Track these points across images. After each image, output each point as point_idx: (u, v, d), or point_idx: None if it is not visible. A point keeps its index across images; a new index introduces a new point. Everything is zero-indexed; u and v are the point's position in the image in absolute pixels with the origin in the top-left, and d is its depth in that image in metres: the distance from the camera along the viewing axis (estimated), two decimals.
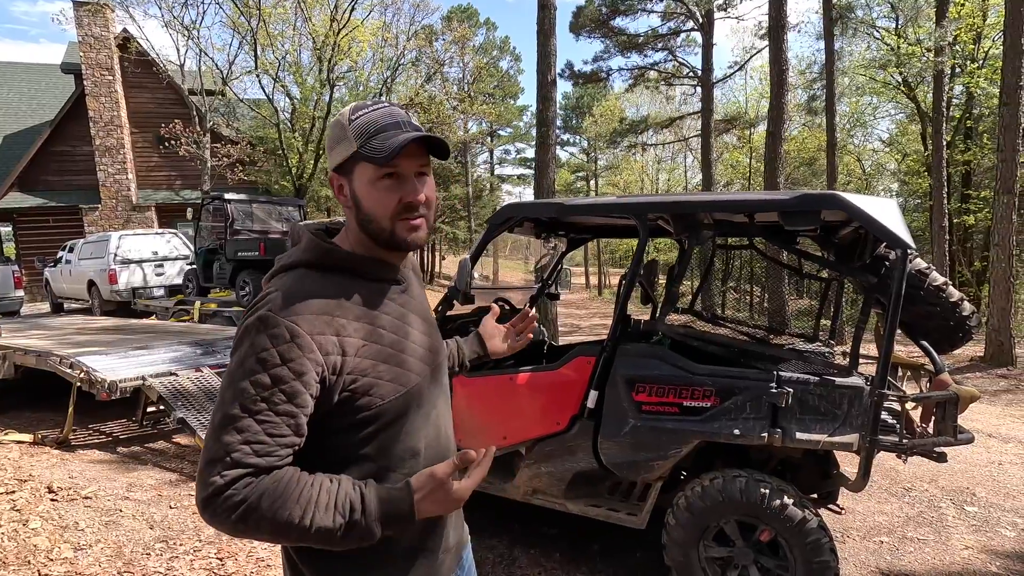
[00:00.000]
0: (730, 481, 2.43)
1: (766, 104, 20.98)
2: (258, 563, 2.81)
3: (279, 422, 0.82)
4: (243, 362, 0.83)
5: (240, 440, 0.80)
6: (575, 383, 2.75)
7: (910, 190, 18.24)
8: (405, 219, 0.94)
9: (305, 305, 0.86)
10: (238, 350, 0.85)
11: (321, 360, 0.84)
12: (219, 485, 0.79)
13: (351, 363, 0.88)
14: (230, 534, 0.84)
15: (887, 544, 3.19)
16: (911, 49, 12.21)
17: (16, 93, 20.45)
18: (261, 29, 15.02)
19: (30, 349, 5.04)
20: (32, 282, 14.96)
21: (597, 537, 3.19)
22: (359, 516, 0.83)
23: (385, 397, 0.91)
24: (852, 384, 2.34)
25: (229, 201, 8.99)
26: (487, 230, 3.08)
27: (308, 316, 0.85)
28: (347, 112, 0.96)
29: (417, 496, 0.87)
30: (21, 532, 2.83)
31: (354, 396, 0.89)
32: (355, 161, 0.93)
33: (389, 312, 0.97)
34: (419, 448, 0.99)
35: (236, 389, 0.82)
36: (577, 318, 17.48)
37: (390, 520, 0.86)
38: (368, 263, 0.97)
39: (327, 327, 0.86)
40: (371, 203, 0.93)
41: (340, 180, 0.96)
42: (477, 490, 2.97)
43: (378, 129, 0.91)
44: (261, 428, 0.81)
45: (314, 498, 0.82)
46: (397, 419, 0.94)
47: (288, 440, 0.83)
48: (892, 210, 2.30)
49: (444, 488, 0.87)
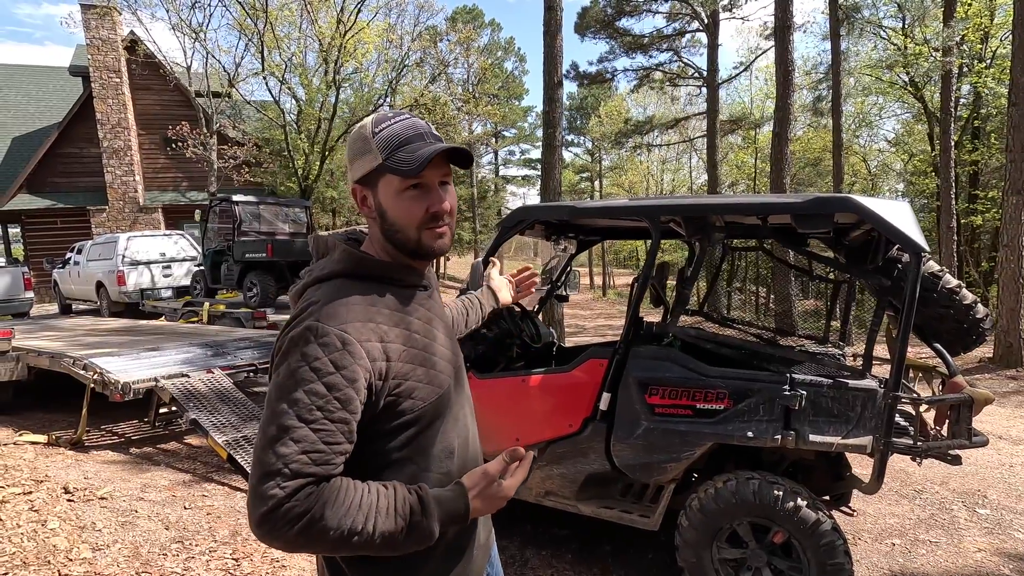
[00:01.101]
0: (743, 483, 2.44)
1: (771, 104, 20.96)
2: (273, 563, 2.83)
3: (334, 430, 0.83)
4: (294, 372, 0.84)
5: (298, 450, 0.80)
6: (588, 385, 2.76)
7: (917, 190, 18.18)
8: (431, 228, 0.97)
9: (350, 313, 0.88)
10: (286, 361, 0.85)
11: (369, 366, 0.86)
12: (280, 497, 0.78)
13: (395, 368, 0.90)
14: (287, 549, 0.82)
15: (899, 547, 3.19)
16: (918, 49, 12.17)
17: (24, 96, 20.61)
18: (268, 31, 15.08)
19: (43, 350, 5.09)
20: (40, 283, 15.06)
21: (608, 538, 3.20)
22: (419, 517, 0.85)
23: (424, 400, 0.94)
24: (866, 386, 2.34)
25: (237, 203, 9.03)
26: (499, 232, 3.09)
27: (355, 324, 0.87)
28: (369, 125, 0.97)
29: (471, 494, 0.89)
30: (40, 532, 2.86)
31: (397, 400, 0.91)
32: (380, 173, 0.95)
33: (420, 317, 0.99)
34: (453, 448, 1.02)
35: (289, 400, 0.82)
36: (582, 319, 17.47)
37: (448, 519, 0.88)
38: (400, 270, 0.99)
39: (372, 334, 0.88)
40: (398, 214, 0.95)
41: (364, 192, 0.98)
42: None
43: (402, 142, 0.94)
44: (318, 437, 0.81)
45: (375, 503, 0.83)
46: (434, 421, 0.97)
47: (343, 448, 0.85)
48: (905, 213, 2.30)
49: (494, 486, 0.90)
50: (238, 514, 3.41)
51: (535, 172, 38.83)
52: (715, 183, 16.38)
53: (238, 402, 4.48)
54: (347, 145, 0.98)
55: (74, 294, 12.00)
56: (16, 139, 18.97)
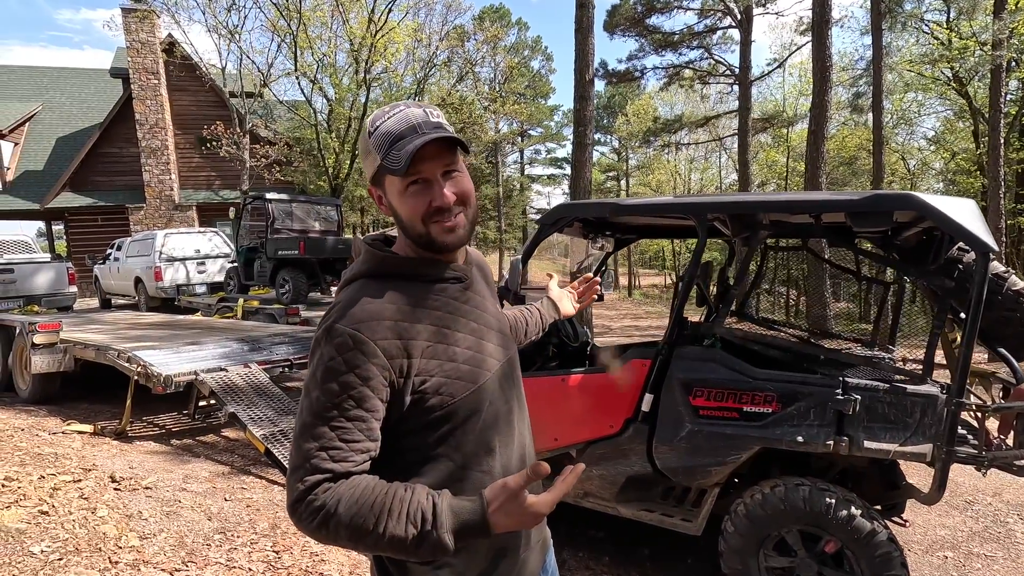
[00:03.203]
0: (792, 489, 2.37)
1: (805, 102, 20.42)
2: (312, 557, 2.86)
3: (351, 427, 0.85)
4: (315, 373, 0.87)
5: (317, 447, 0.83)
6: (630, 386, 2.71)
7: (959, 189, 17.52)
8: (438, 222, 0.95)
9: (365, 312, 0.88)
10: (311, 362, 0.90)
11: (387, 364, 0.86)
12: (301, 491, 0.82)
13: (417, 364, 0.89)
14: (315, 539, 0.86)
15: (952, 560, 3.06)
16: (964, 43, 11.70)
17: (68, 97, 21.37)
18: (301, 31, 15.33)
19: (89, 343, 5.25)
20: (82, 278, 15.59)
21: (644, 541, 3.15)
22: (430, 527, 0.81)
23: (455, 395, 0.92)
24: (926, 392, 2.25)
25: (270, 201, 9.18)
26: (538, 230, 3.06)
27: (370, 323, 0.87)
28: (367, 124, 0.96)
29: (491, 508, 0.83)
30: (90, 520, 2.94)
31: (425, 396, 0.90)
32: (382, 174, 0.95)
33: (453, 311, 0.97)
34: (493, 445, 0.99)
35: (310, 399, 0.86)
36: (608, 319, 17.33)
37: (464, 532, 0.83)
38: (424, 265, 0.98)
39: (389, 332, 0.87)
40: (404, 211, 0.95)
41: (377, 192, 0.99)
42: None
43: (395, 139, 0.91)
44: (335, 434, 0.84)
45: (387, 506, 0.82)
46: (470, 416, 0.95)
47: (362, 445, 0.86)
48: (971, 211, 2.20)
49: (518, 501, 0.82)
50: (276, 507, 3.46)
51: (561, 171, 38.68)
52: (746, 182, 16.04)
53: (274, 396, 4.55)
54: (367, 141, 0.95)
55: (113, 289, 12.37)
56: (60, 139, 19.69)
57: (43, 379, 5.45)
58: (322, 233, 9.65)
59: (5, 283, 8.81)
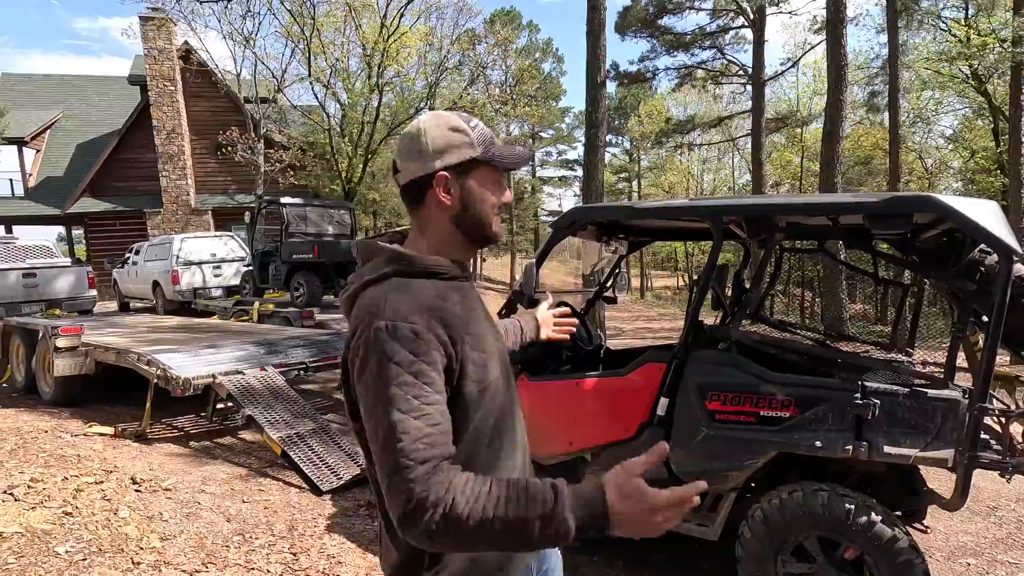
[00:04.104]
0: (811, 495, 2.34)
1: (819, 101, 20.23)
2: (329, 560, 2.88)
3: (433, 412, 0.87)
4: (380, 372, 0.87)
5: (411, 440, 0.83)
6: (645, 390, 2.70)
7: (978, 189, 17.22)
8: (497, 215, 1.08)
9: (413, 307, 0.92)
10: (367, 366, 0.89)
11: (442, 350, 0.91)
12: (411, 489, 0.80)
13: (459, 351, 0.94)
14: (436, 545, 0.82)
15: (975, 567, 3.01)
16: (983, 40, 11.51)
17: (87, 105, 21.78)
18: (314, 37, 15.49)
19: (110, 346, 5.34)
20: (101, 282, 15.87)
21: (659, 546, 3.13)
22: (552, 505, 0.79)
23: (480, 383, 0.97)
24: (948, 396, 2.21)
25: (284, 205, 9.26)
26: (552, 234, 3.06)
27: (419, 316, 0.91)
28: (461, 120, 1.04)
29: (608, 488, 0.81)
30: (113, 521, 3.00)
31: (463, 383, 0.95)
32: (475, 164, 1.03)
33: (466, 306, 1.03)
34: (516, 434, 1.08)
35: (386, 398, 0.86)
36: (620, 321, 17.25)
37: (586, 515, 0.79)
38: (447, 265, 1.04)
39: (436, 323, 0.92)
40: (480, 201, 1.04)
41: (451, 180, 1.02)
42: None
43: (493, 140, 1.05)
44: (423, 423, 0.85)
45: (506, 492, 0.81)
46: (491, 407, 1.00)
47: (445, 427, 0.88)
48: (993, 212, 2.17)
49: (634, 484, 0.80)
50: (293, 509, 3.50)
51: (572, 173, 38.64)
52: (759, 183, 15.91)
53: (290, 399, 4.60)
54: (432, 133, 1.01)
55: (132, 292, 12.58)
56: (80, 146, 20.08)
57: (65, 382, 5.55)
58: (336, 237, 9.73)
59: (28, 287, 9.00)
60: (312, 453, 4.06)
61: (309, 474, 3.83)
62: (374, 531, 3.22)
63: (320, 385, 6.84)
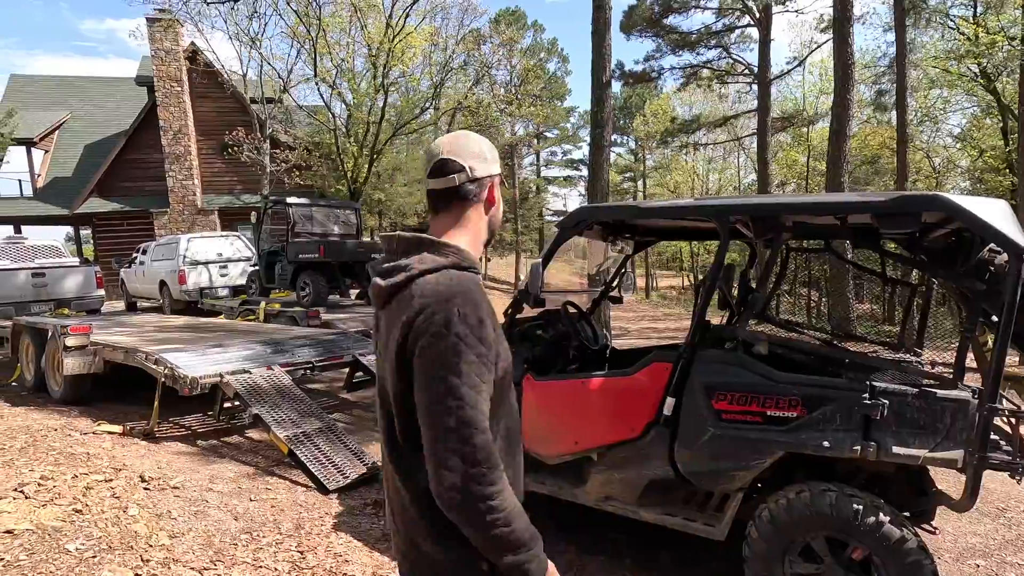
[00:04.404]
0: (818, 495, 2.33)
1: (825, 100, 20.10)
2: (336, 558, 2.89)
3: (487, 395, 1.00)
4: (454, 348, 0.96)
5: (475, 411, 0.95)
6: (651, 389, 2.70)
7: (987, 187, 17.07)
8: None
9: (477, 298, 1.02)
10: (441, 340, 0.96)
11: (492, 343, 1.02)
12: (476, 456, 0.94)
13: (498, 343, 1.05)
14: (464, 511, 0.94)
15: (984, 568, 2.99)
16: (991, 38, 11.42)
17: (95, 106, 21.92)
18: (320, 37, 15.54)
19: (118, 345, 5.38)
20: (108, 282, 15.98)
21: (666, 545, 3.13)
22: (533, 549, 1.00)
23: (504, 370, 1.08)
24: (957, 396, 2.20)
25: (290, 205, 9.29)
26: (558, 234, 3.06)
27: (483, 306, 1.02)
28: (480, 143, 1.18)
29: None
30: (122, 518, 3.02)
31: (499, 373, 1.05)
32: (497, 176, 1.20)
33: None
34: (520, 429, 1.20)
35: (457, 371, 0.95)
36: (625, 320, 17.23)
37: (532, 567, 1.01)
38: (476, 262, 1.14)
39: (490, 316, 1.03)
40: (499, 207, 1.21)
41: (493, 185, 1.18)
42: (546, 495, 2.97)
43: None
44: (482, 399, 0.98)
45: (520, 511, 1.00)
46: (508, 394, 1.11)
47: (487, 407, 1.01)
48: (1002, 211, 2.15)
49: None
50: (300, 508, 3.51)
51: (577, 173, 38.62)
52: (765, 182, 15.86)
53: (297, 398, 4.62)
54: (481, 143, 1.17)
55: (139, 292, 12.65)
56: (88, 146, 20.21)
57: (75, 380, 5.60)
58: (341, 236, 9.76)
59: (37, 287, 9.07)
60: (318, 452, 4.07)
61: (316, 473, 3.85)
62: (381, 529, 3.22)
63: (326, 384, 6.87)
